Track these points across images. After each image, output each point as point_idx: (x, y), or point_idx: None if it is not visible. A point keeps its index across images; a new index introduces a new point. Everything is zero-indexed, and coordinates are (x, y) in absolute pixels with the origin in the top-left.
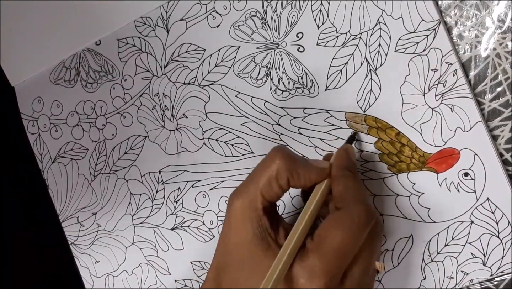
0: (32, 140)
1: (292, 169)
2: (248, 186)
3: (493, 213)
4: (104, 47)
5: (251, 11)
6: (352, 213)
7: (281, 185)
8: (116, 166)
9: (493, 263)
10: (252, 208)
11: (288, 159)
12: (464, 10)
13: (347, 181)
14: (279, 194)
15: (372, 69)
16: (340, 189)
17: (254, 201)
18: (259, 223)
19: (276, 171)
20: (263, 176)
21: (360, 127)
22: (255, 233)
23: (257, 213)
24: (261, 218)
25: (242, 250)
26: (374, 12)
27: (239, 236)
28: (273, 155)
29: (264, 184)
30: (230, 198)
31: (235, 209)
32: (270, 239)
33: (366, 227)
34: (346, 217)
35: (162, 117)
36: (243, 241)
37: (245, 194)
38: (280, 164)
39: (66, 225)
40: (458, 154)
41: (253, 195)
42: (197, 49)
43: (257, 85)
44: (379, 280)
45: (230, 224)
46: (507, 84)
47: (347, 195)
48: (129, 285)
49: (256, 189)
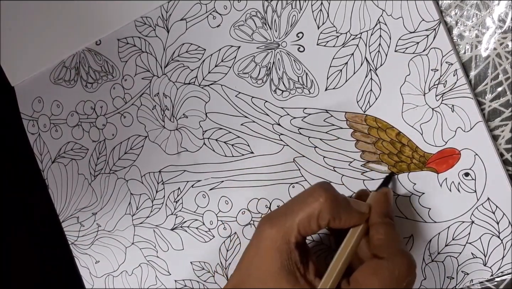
0: (32, 140)
1: (335, 212)
2: (285, 217)
3: (493, 213)
4: (104, 47)
5: (252, 11)
6: (394, 265)
7: (320, 224)
8: (116, 166)
9: (494, 263)
10: (285, 240)
11: (333, 201)
12: (465, 10)
13: (388, 229)
14: (315, 231)
15: (372, 69)
16: (380, 237)
17: (288, 233)
18: (289, 256)
19: (319, 211)
20: (303, 211)
21: (360, 127)
22: (283, 265)
23: (288, 246)
24: (292, 251)
25: (266, 277)
26: (374, 12)
27: (266, 263)
28: (319, 192)
29: (302, 220)
30: (263, 222)
31: (267, 237)
32: (298, 273)
33: (405, 280)
34: (387, 267)
35: (162, 117)
36: (269, 270)
37: (280, 224)
38: (325, 205)
39: (66, 225)
40: (459, 154)
41: (288, 227)
42: (197, 49)
43: (257, 85)
44: None
45: (258, 249)
46: (508, 84)
47: (388, 244)
48: (129, 285)
49: (293, 223)
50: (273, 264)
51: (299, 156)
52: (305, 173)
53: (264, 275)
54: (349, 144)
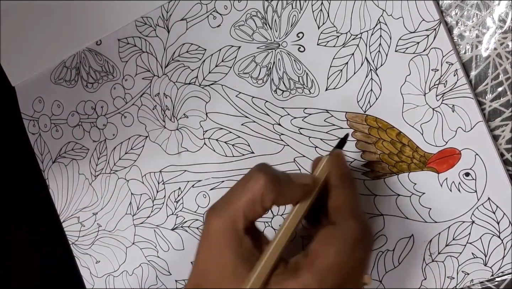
0: (33, 141)
1: (278, 191)
2: (228, 205)
3: (494, 213)
4: (104, 47)
5: (252, 11)
6: (347, 230)
7: (265, 206)
8: (116, 166)
9: (494, 263)
10: (233, 228)
11: (273, 181)
12: (465, 10)
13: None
14: (261, 214)
15: (372, 69)
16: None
17: (235, 222)
18: (241, 243)
19: (261, 194)
20: (245, 196)
21: (360, 127)
22: (236, 254)
23: (238, 234)
24: (242, 239)
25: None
26: (375, 12)
27: (219, 256)
28: (257, 176)
29: (246, 205)
30: (209, 215)
31: (214, 229)
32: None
33: (361, 245)
34: (340, 233)
35: (162, 117)
36: (224, 262)
37: (225, 214)
38: (266, 187)
39: (67, 225)
40: (459, 154)
41: (234, 216)
42: (197, 49)
43: (257, 85)
44: (380, 280)
45: (209, 243)
46: (508, 84)
47: (344, 209)
48: (130, 285)
49: (238, 210)
50: (227, 255)
51: (300, 156)
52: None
53: (221, 268)
54: (349, 144)
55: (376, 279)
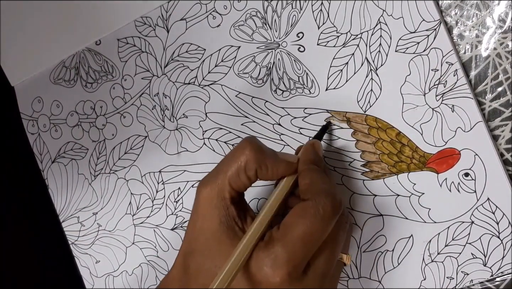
0: (32, 140)
1: (261, 160)
2: (216, 175)
3: (493, 213)
4: (104, 47)
5: (252, 11)
6: (317, 204)
7: (249, 176)
8: (116, 166)
9: (494, 264)
10: (220, 197)
11: (257, 151)
12: (465, 10)
13: (312, 174)
14: (246, 184)
15: (372, 69)
16: (306, 182)
17: (221, 190)
18: (226, 212)
19: (245, 161)
20: (231, 166)
21: (360, 127)
22: (221, 221)
23: (224, 202)
24: (228, 207)
25: (208, 237)
26: (375, 12)
27: (206, 223)
28: (243, 145)
29: (232, 174)
30: (198, 186)
31: (203, 197)
32: (237, 227)
33: (331, 218)
34: (311, 207)
35: (162, 117)
36: (210, 229)
37: (213, 183)
38: (249, 155)
39: (67, 225)
40: (459, 154)
41: (221, 184)
42: (197, 49)
43: (257, 85)
44: (379, 280)
45: (197, 211)
46: (508, 84)
47: (313, 187)
48: (129, 285)
49: (224, 178)
50: (213, 222)
51: None
52: None
53: (207, 235)
54: (349, 144)
55: (376, 279)
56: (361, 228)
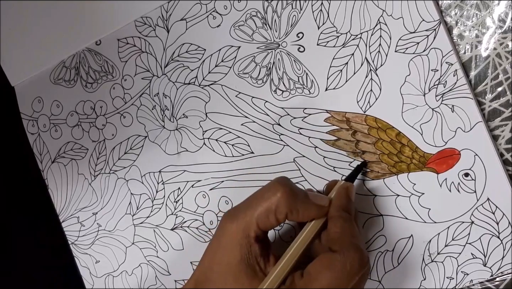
0: (32, 140)
1: (292, 205)
2: (245, 211)
3: (493, 213)
4: (104, 47)
5: (252, 11)
6: (346, 258)
7: (278, 218)
8: (116, 166)
9: (494, 264)
10: (245, 234)
11: (290, 195)
12: (465, 10)
13: (344, 223)
14: (274, 225)
15: (372, 69)
16: (336, 230)
17: (248, 228)
18: (249, 250)
19: (276, 205)
20: (261, 206)
21: (360, 127)
22: (243, 258)
23: (248, 240)
24: (252, 245)
25: (227, 270)
26: (375, 12)
27: (226, 257)
28: (276, 186)
29: (261, 214)
30: (225, 217)
31: (228, 230)
32: (257, 267)
33: (357, 274)
34: (339, 260)
35: (162, 117)
36: (229, 263)
37: (240, 218)
38: (281, 199)
39: (66, 225)
40: (459, 154)
41: (248, 222)
42: (197, 49)
43: (257, 85)
44: (379, 280)
45: (219, 243)
46: (508, 84)
47: (343, 238)
48: (129, 285)
49: (252, 217)
50: (234, 257)
51: (299, 156)
52: (305, 173)
53: (224, 268)
54: (349, 144)
55: (376, 279)
56: (361, 228)
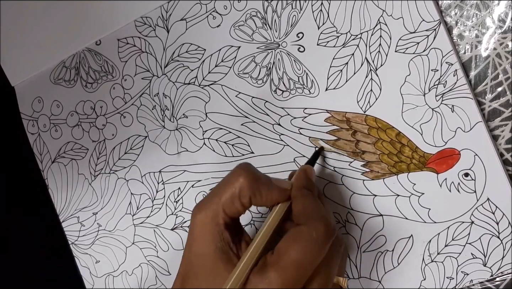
0: (32, 140)
1: (255, 188)
2: (211, 200)
3: (493, 214)
4: (104, 47)
5: (252, 11)
6: (311, 228)
7: (243, 202)
8: (116, 166)
9: (494, 264)
10: (214, 222)
11: (251, 178)
12: (465, 10)
13: (305, 199)
14: (240, 210)
15: (372, 69)
16: (299, 207)
17: (215, 216)
18: (221, 237)
19: (239, 189)
20: (225, 192)
21: (360, 127)
22: (217, 246)
23: (218, 228)
24: (223, 232)
25: (204, 261)
26: (375, 12)
27: (201, 248)
28: (238, 172)
29: (226, 200)
30: (194, 209)
31: (197, 222)
32: (231, 253)
33: (324, 242)
34: (304, 232)
35: (162, 117)
36: (206, 253)
37: (207, 208)
38: (243, 183)
39: (67, 225)
40: (459, 154)
41: (215, 210)
42: (197, 49)
43: (257, 85)
44: (379, 280)
45: (193, 235)
46: (508, 84)
47: (306, 212)
48: (129, 285)
49: (218, 204)
50: (208, 247)
51: (299, 156)
52: None
53: (203, 259)
54: (349, 144)
55: (376, 279)
56: (361, 228)
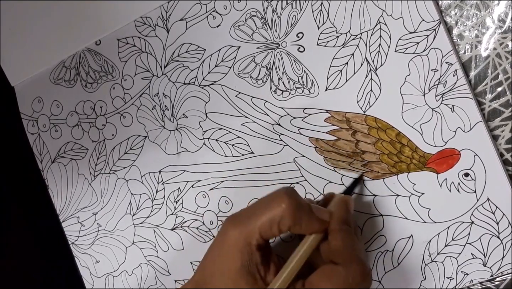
0: (32, 140)
1: (296, 217)
2: (249, 219)
3: (493, 214)
4: (104, 47)
5: (252, 11)
6: (348, 271)
7: (282, 229)
8: (116, 166)
9: (493, 264)
10: (247, 241)
11: (295, 208)
12: (465, 10)
13: (345, 236)
14: (276, 235)
15: (372, 69)
16: (338, 243)
17: (250, 236)
18: (250, 257)
19: (281, 216)
20: (265, 215)
21: (360, 127)
22: (243, 265)
23: (250, 248)
24: (253, 253)
25: (226, 277)
26: (375, 12)
27: (226, 263)
28: (281, 197)
29: (264, 224)
30: (227, 222)
31: (230, 237)
32: (258, 275)
33: (358, 287)
34: (342, 273)
35: (162, 117)
36: (230, 269)
37: (243, 226)
38: (286, 211)
39: (66, 225)
40: (459, 154)
41: (250, 231)
42: (197, 49)
43: (257, 85)
44: (379, 280)
45: (221, 248)
46: (508, 84)
47: (345, 251)
48: (129, 285)
49: (255, 226)
50: (234, 263)
51: (299, 156)
52: (305, 173)
53: (224, 274)
54: (349, 144)
55: (376, 279)
56: (361, 228)
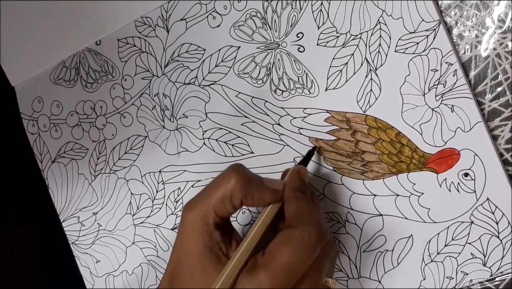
0: (32, 140)
1: (246, 190)
2: (202, 200)
3: (493, 213)
4: (104, 47)
5: (252, 11)
6: (303, 232)
7: (234, 204)
8: (116, 165)
9: (493, 264)
10: (204, 222)
11: (243, 180)
12: (464, 10)
13: (298, 201)
14: (231, 211)
15: (372, 69)
16: (292, 209)
17: (206, 216)
18: (210, 237)
19: (231, 190)
20: (217, 193)
21: (360, 127)
22: (206, 246)
23: (208, 228)
24: (212, 232)
25: (193, 260)
26: (374, 12)
27: (190, 247)
28: (229, 173)
29: (217, 201)
30: (184, 208)
31: (187, 221)
32: (221, 253)
33: (315, 246)
34: (296, 235)
35: (162, 117)
36: (195, 253)
37: (197, 208)
38: (235, 184)
39: (67, 225)
40: (458, 154)
41: (205, 210)
42: (197, 49)
43: (257, 85)
44: (379, 280)
45: (183, 234)
46: (507, 84)
47: (298, 215)
48: (129, 285)
49: (209, 205)
50: (197, 246)
51: (299, 156)
52: None
53: (191, 258)
54: (349, 144)
55: (375, 279)
56: (361, 228)
